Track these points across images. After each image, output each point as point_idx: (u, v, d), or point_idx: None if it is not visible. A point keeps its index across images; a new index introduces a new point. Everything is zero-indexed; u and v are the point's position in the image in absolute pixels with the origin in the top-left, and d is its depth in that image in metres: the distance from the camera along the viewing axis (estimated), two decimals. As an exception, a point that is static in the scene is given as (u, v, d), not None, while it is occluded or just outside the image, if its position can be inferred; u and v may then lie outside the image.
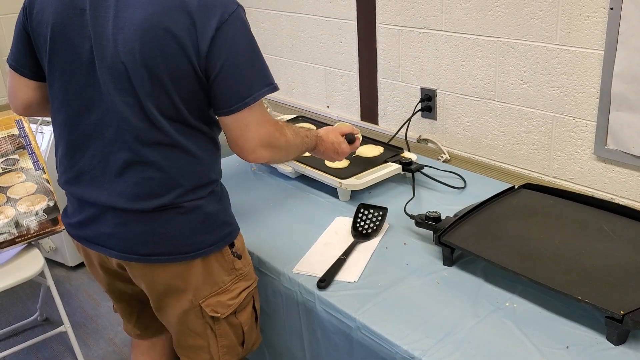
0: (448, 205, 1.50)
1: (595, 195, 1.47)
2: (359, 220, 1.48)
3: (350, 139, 1.45)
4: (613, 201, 1.43)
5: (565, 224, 1.31)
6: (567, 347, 1.04)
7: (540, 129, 1.61)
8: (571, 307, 1.11)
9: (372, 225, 1.46)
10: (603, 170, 1.51)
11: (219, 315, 1.21)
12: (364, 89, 2.09)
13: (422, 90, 1.89)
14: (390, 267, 1.31)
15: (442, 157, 1.87)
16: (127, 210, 1.12)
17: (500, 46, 1.63)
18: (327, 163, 1.64)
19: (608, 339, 1.05)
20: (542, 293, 1.15)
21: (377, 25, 1.95)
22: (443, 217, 1.36)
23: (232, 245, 1.21)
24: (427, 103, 1.89)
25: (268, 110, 1.87)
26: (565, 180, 1.59)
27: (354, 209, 1.51)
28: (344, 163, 1.68)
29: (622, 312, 1.00)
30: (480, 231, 1.31)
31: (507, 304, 1.16)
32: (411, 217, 1.42)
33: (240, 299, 1.24)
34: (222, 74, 1.05)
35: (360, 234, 1.44)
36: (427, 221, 1.36)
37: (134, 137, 1.08)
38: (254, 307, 1.30)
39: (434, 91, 1.86)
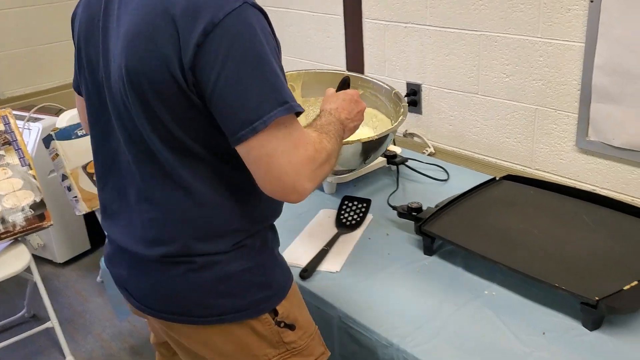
0: (431, 197, 1.51)
1: (578, 187, 1.48)
2: (342, 212, 1.49)
3: (343, 85, 1.23)
4: (594, 192, 1.45)
5: (545, 214, 1.32)
6: (544, 333, 1.05)
7: (522, 121, 1.63)
8: (548, 295, 1.12)
9: (355, 216, 1.47)
10: (585, 162, 1.52)
11: None
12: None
13: (408, 84, 1.90)
14: (372, 257, 1.32)
15: (427, 150, 1.89)
16: (136, 255, 0.97)
17: (484, 40, 1.64)
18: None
19: (583, 325, 1.06)
20: (520, 281, 1.16)
21: (364, 20, 1.96)
22: (425, 208, 1.37)
23: (274, 313, 0.98)
24: (413, 97, 1.90)
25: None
26: (547, 172, 1.61)
27: (339, 201, 1.52)
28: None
29: (596, 298, 1.01)
30: (461, 221, 1.32)
31: (486, 292, 1.17)
32: (394, 208, 1.43)
33: None
34: (217, 92, 0.81)
35: (344, 226, 1.45)
36: (408, 212, 1.37)
37: (132, 169, 0.93)
38: None
39: (419, 86, 1.87)
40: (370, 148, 1.41)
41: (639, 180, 1.44)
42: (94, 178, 2.28)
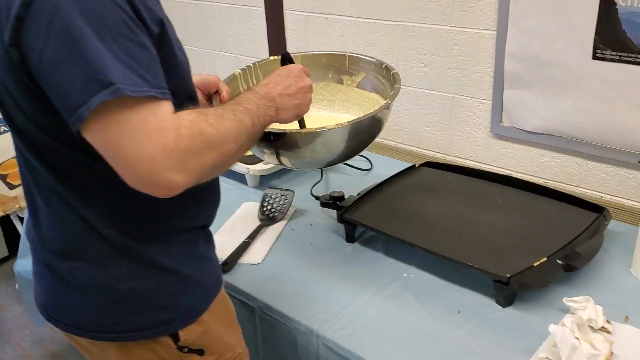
0: (354, 186, 1.52)
1: (493, 171, 1.52)
2: (265, 204, 1.47)
3: (287, 59, 1.10)
4: (508, 175, 1.49)
5: (461, 198, 1.35)
6: (459, 312, 1.07)
7: (440, 110, 1.66)
8: (463, 274, 1.15)
9: (278, 208, 1.46)
10: (500, 147, 1.57)
11: None
12: (275, 77, 2.09)
13: (331, 76, 1.91)
14: (295, 248, 1.32)
15: (352, 141, 1.90)
16: (35, 259, 0.93)
17: (402, 30, 1.67)
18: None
19: (497, 302, 1.09)
20: (437, 262, 1.19)
21: (285, 11, 1.95)
22: (347, 197, 1.38)
23: (175, 337, 0.89)
24: (337, 89, 1.90)
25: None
26: (465, 158, 1.65)
27: (262, 193, 1.50)
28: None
29: (508, 275, 1.05)
30: (381, 208, 1.34)
31: (404, 275, 1.19)
32: (316, 198, 1.43)
33: None
34: (43, 71, 0.71)
35: (267, 217, 1.43)
36: (331, 201, 1.37)
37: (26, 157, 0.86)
38: None
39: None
40: (359, 131, 1.12)
41: (550, 163, 1.49)
42: (7, 180, 2.17)
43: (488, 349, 0.99)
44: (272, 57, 1.34)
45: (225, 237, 1.36)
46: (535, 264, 1.07)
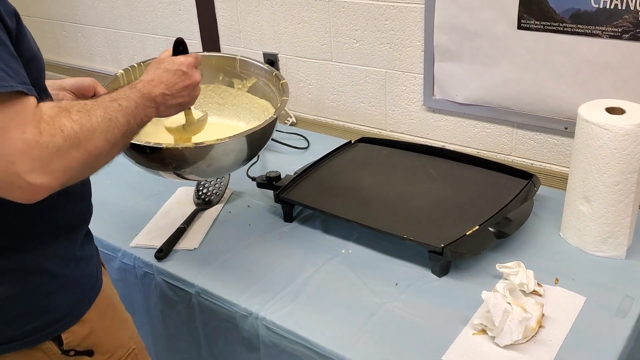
0: (291, 166, 1.50)
1: (428, 144, 1.54)
2: (201, 187, 1.44)
3: (178, 51, 1.02)
4: (442, 147, 1.51)
5: (396, 172, 1.36)
6: (397, 284, 1.08)
7: (374, 85, 1.66)
8: (400, 247, 1.16)
9: (214, 191, 1.43)
10: (433, 120, 1.59)
11: None
12: (208, 58, 2.04)
13: (265, 55, 1.88)
14: (232, 231, 1.30)
15: (289, 120, 1.88)
16: None
17: (333, 6, 1.65)
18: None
19: (433, 272, 1.10)
20: (374, 237, 1.19)
21: (214, -10, 1.90)
22: (283, 176, 1.37)
23: (58, 341, 0.85)
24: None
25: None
26: (401, 133, 1.66)
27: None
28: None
29: (442, 245, 1.06)
30: (317, 186, 1.33)
31: (343, 251, 1.19)
32: (253, 179, 1.41)
33: None
34: None
35: (203, 201, 1.40)
36: (267, 181, 1.35)
37: None
38: None
39: (275, 55, 1.85)
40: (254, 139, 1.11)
41: (482, 134, 1.52)
42: None
43: (425, 318, 1.00)
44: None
45: (160, 224, 1.32)
46: (468, 233, 1.09)
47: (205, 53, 1.31)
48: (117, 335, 0.94)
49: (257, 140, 1.10)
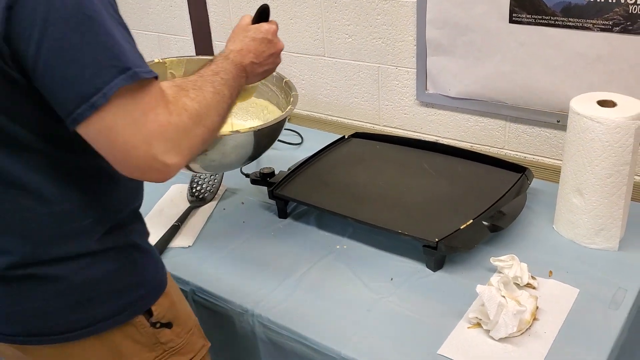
0: (285, 162, 1.50)
1: (421, 139, 1.54)
2: (194, 185, 1.44)
3: (261, 18, 1.05)
4: (436, 142, 1.52)
5: (390, 167, 1.37)
6: (392, 279, 1.09)
7: (367, 80, 1.66)
8: (395, 242, 1.16)
9: (208, 188, 1.43)
10: (426, 114, 1.59)
11: None
12: (200, 54, 2.03)
13: (257, 51, 1.87)
14: (227, 228, 1.30)
15: (282, 117, 1.88)
16: None
17: (325, 1, 1.65)
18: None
19: (427, 266, 1.11)
20: (369, 232, 1.20)
21: (205, -14, 1.89)
22: (277, 173, 1.37)
23: (149, 314, 0.87)
24: (263, 64, 1.87)
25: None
26: (394, 127, 1.66)
27: (191, 175, 1.47)
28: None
29: (436, 240, 1.06)
30: (312, 182, 1.33)
31: (337, 247, 1.19)
32: (246, 175, 1.41)
33: None
34: (41, 63, 0.66)
35: (197, 199, 1.40)
36: (261, 178, 1.35)
37: None
38: None
39: (268, 51, 1.85)
40: (262, 137, 1.18)
41: (475, 127, 1.52)
42: None
43: (420, 312, 1.00)
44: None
45: (153, 222, 1.32)
46: (462, 227, 1.10)
47: (202, 57, 1.33)
48: (185, 307, 0.96)
49: (266, 137, 1.14)
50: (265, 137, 1.18)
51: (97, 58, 0.66)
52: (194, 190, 1.42)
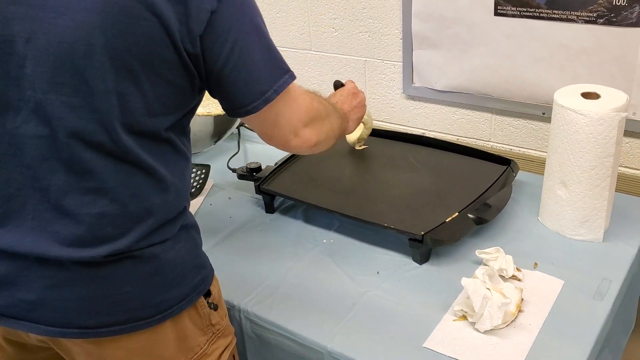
0: (272, 156, 1.49)
1: (408, 132, 1.54)
2: (181, 180, 1.43)
3: (338, 84, 1.27)
4: (422, 135, 1.52)
5: (376, 161, 1.37)
6: (378, 272, 1.09)
7: (354, 74, 1.66)
8: (381, 236, 1.17)
9: (195, 184, 1.42)
10: (413, 108, 1.59)
11: None
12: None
13: (243, 45, 1.86)
14: (213, 223, 1.29)
15: (269, 111, 1.87)
16: (64, 263, 0.77)
17: (310, -5, 1.64)
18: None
19: (414, 260, 1.11)
20: (355, 226, 1.20)
21: (190, -19, 1.87)
22: (264, 167, 1.36)
23: (207, 294, 0.90)
24: (250, 58, 1.87)
25: None
26: (381, 121, 1.66)
27: (177, 170, 1.46)
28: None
29: (422, 233, 1.07)
30: (298, 176, 1.33)
31: (324, 241, 1.19)
32: (233, 170, 1.41)
33: None
34: (231, 63, 0.77)
35: (184, 194, 1.40)
36: (248, 172, 1.35)
37: (78, 153, 0.75)
38: None
39: (254, 46, 1.84)
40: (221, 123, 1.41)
41: (462, 120, 1.53)
42: None
43: (406, 305, 1.01)
44: None
45: (140, 218, 1.32)
46: (447, 220, 1.10)
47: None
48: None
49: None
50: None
51: (270, 62, 0.82)
52: (180, 186, 1.42)
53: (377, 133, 1.47)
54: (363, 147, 1.42)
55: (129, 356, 0.84)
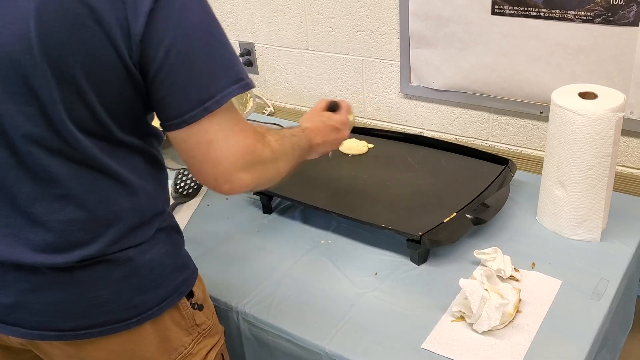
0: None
1: (405, 131, 1.54)
2: (178, 181, 1.43)
3: (332, 107, 1.15)
4: (420, 134, 1.52)
5: (374, 160, 1.37)
6: (376, 273, 1.09)
7: (351, 73, 1.66)
8: (379, 236, 1.16)
9: (192, 184, 1.42)
10: (410, 107, 1.59)
11: None
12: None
13: (241, 44, 1.86)
14: (211, 224, 1.29)
15: (267, 110, 1.87)
16: (39, 269, 0.78)
17: (307, -6, 1.64)
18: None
19: (412, 260, 1.11)
20: (353, 227, 1.20)
21: (186, -20, 1.87)
22: (261, 168, 1.36)
23: (190, 295, 0.89)
24: (248, 57, 1.86)
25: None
26: (379, 120, 1.66)
27: (175, 171, 1.46)
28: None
29: (420, 234, 1.06)
30: (296, 176, 1.31)
31: (322, 242, 1.19)
32: (231, 171, 1.40)
33: None
34: (166, 67, 0.71)
35: (181, 195, 1.39)
36: (245, 173, 1.35)
37: (40, 160, 0.74)
38: None
39: (252, 44, 1.84)
40: None
41: (459, 119, 1.53)
42: None
43: (405, 307, 1.01)
44: None
45: (138, 219, 1.31)
46: (445, 220, 1.10)
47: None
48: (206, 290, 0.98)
49: None
50: None
51: (216, 67, 0.73)
52: (178, 187, 1.41)
53: (374, 133, 1.47)
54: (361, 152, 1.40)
55: (109, 357, 0.84)
